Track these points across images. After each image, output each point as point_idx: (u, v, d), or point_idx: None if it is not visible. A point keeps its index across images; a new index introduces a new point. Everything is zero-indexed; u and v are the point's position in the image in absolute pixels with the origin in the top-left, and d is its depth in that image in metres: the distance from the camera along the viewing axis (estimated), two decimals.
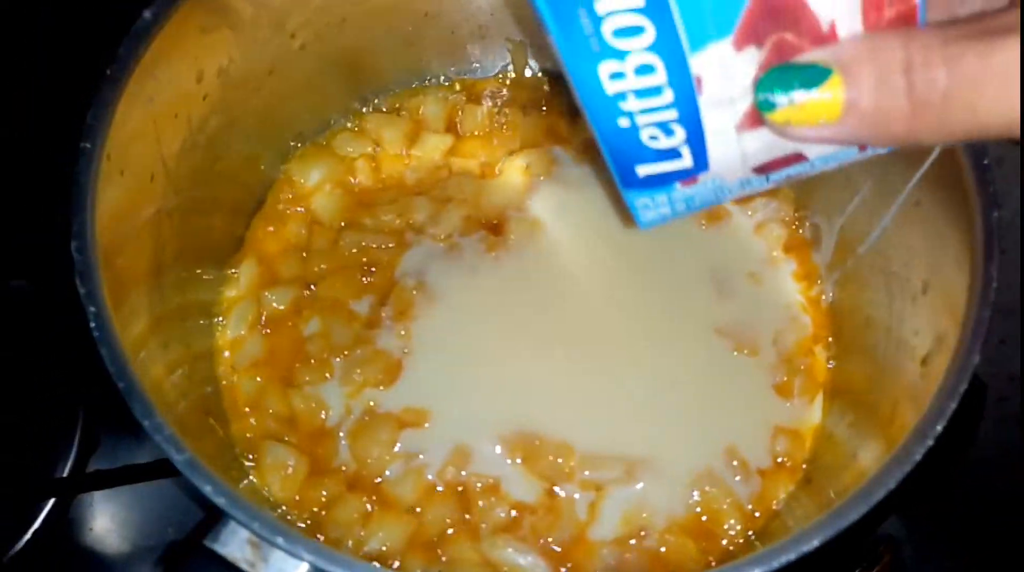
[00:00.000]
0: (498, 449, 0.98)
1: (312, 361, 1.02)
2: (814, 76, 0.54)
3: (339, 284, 1.06)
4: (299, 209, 1.12)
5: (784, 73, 0.55)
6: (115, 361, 0.71)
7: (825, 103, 0.54)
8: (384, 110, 1.19)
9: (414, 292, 1.05)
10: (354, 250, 1.08)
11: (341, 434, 0.99)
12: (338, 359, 1.02)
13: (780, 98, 0.55)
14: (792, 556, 0.67)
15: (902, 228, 0.94)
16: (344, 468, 0.98)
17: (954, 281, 0.81)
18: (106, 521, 1.13)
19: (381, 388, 1.01)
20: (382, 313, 1.04)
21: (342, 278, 1.07)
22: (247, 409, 1.00)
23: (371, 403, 1.00)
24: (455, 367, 1.02)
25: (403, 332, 1.03)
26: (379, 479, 0.97)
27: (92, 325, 0.72)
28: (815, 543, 0.66)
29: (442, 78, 1.22)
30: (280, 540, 0.64)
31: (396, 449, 0.98)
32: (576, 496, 0.96)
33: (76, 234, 0.76)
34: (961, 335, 0.76)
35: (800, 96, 0.55)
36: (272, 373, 1.02)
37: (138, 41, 0.85)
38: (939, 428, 0.71)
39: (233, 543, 0.67)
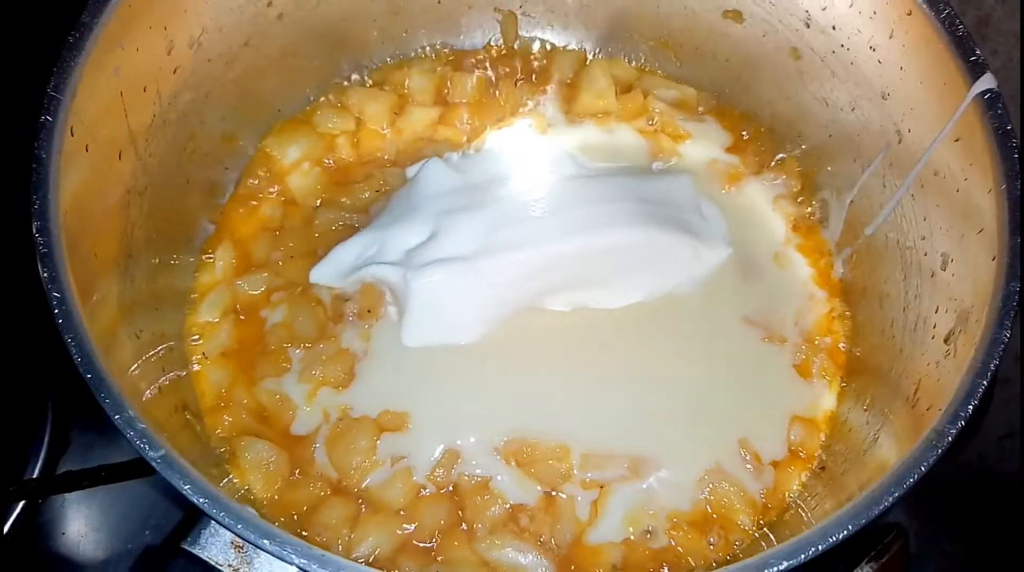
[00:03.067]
0: (490, 456, 0.92)
1: (270, 353, 0.96)
2: None
3: (308, 267, 1.00)
4: (274, 189, 1.06)
5: None
6: (81, 351, 0.65)
7: None
8: (368, 84, 1.13)
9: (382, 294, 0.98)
10: (332, 228, 1.02)
11: (317, 445, 0.92)
12: (298, 351, 0.96)
13: None
14: (821, 546, 0.62)
15: (918, 201, 0.89)
16: (325, 474, 0.91)
17: (977, 254, 0.77)
18: (80, 524, 1.06)
19: (340, 389, 0.94)
20: (347, 308, 0.98)
21: (311, 261, 1.00)
22: (220, 403, 0.94)
23: (344, 407, 0.94)
24: (435, 366, 0.95)
25: (366, 327, 0.97)
26: (364, 484, 0.90)
27: (56, 312, 0.66)
28: (847, 531, 0.61)
29: (428, 50, 1.16)
30: (267, 543, 0.58)
31: (378, 454, 0.91)
32: (578, 497, 0.91)
33: (38, 213, 0.70)
34: (989, 310, 0.72)
35: None
36: (241, 364, 0.96)
37: (103, 6, 0.79)
38: (971, 408, 0.66)
39: (214, 546, 0.62)
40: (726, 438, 0.94)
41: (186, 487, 0.60)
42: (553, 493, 0.91)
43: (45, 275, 0.67)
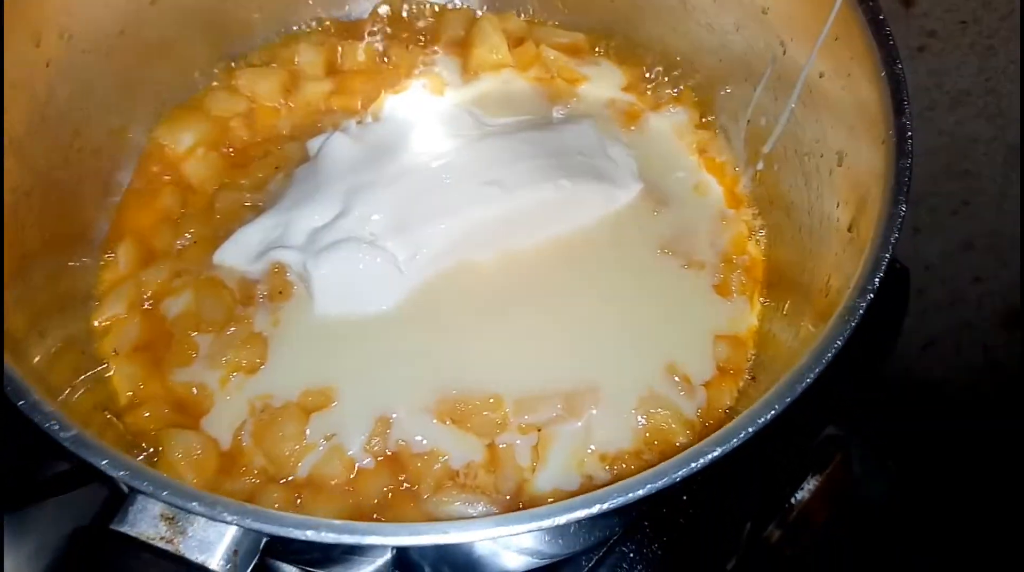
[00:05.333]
0: (423, 418, 0.90)
1: (175, 342, 0.93)
2: None
3: (211, 252, 0.97)
4: (170, 178, 1.03)
5: None
6: None
7: None
8: (256, 64, 1.11)
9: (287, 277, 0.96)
10: (233, 210, 1.00)
11: (245, 443, 0.89)
12: (206, 337, 0.93)
13: None
14: (751, 428, 0.63)
15: (808, 107, 0.92)
16: (260, 464, 0.88)
17: (867, 143, 0.80)
18: (12, 552, 1.02)
19: (254, 372, 0.92)
20: (256, 290, 0.96)
21: (215, 246, 0.98)
22: (137, 399, 0.90)
23: (265, 396, 0.91)
24: (353, 337, 0.94)
25: (278, 308, 0.95)
26: (300, 469, 0.88)
27: None
28: (774, 411, 0.62)
29: (314, 23, 1.15)
30: (196, 504, 0.56)
31: (309, 437, 0.89)
32: (517, 442, 0.90)
33: None
34: (884, 190, 0.73)
35: None
36: (152, 357, 0.93)
37: None
38: (877, 280, 0.68)
39: (143, 521, 0.59)
40: (653, 365, 0.94)
41: (103, 462, 0.58)
42: (492, 444, 0.90)
43: None
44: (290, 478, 0.88)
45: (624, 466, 0.90)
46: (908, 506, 1.46)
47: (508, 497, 0.89)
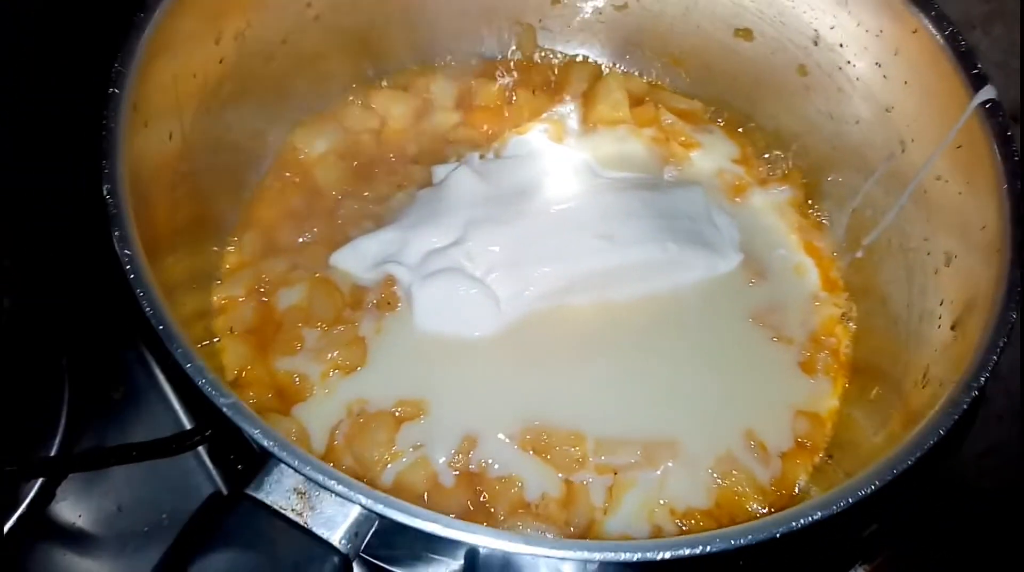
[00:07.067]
0: (507, 443, 0.94)
1: (283, 332, 0.98)
2: None
3: (329, 253, 1.03)
4: (300, 178, 1.10)
5: None
6: (152, 304, 0.68)
7: None
8: (392, 87, 1.18)
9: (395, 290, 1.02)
10: (354, 219, 1.06)
11: (337, 441, 0.93)
12: (313, 332, 0.98)
13: None
14: (851, 499, 0.66)
15: (920, 205, 0.95)
16: (347, 466, 0.92)
17: (981, 249, 0.83)
18: (94, 508, 1.07)
19: (352, 373, 0.96)
20: (366, 297, 1.01)
21: (332, 248, 1.04)
22: (243, 379, 0.95)
23: (361, 400, 0.95)
24: (450, 356, 0.98)
25: (383, 317, 1.00)
26: (385, 474, 0.92)
27: (127, 268, 0.69)
28: (874, 486, 0.65)
29: (450, 58, 1.22)
30: (335, 484, 0.61)
31: (397, 445, 0.93)
32: (591, 480, 0.93)
33: (108, 177, 0.73)
34: (996, 296, 0.77)
35: None
36: (261, 343, 0.98)
37: None
38: (983, 379, 0.71)
39: (277, 492, 0.63)
40: (733, 429, 0.97)
41: (255, 431, 0.63)
42: (569, 479, 0.93)
43: (116, 234, 0.70)
44: (374, 481, 0.91)
45: (693, 523, 0.92)
46: None
47: (575, 532, 0.91)
